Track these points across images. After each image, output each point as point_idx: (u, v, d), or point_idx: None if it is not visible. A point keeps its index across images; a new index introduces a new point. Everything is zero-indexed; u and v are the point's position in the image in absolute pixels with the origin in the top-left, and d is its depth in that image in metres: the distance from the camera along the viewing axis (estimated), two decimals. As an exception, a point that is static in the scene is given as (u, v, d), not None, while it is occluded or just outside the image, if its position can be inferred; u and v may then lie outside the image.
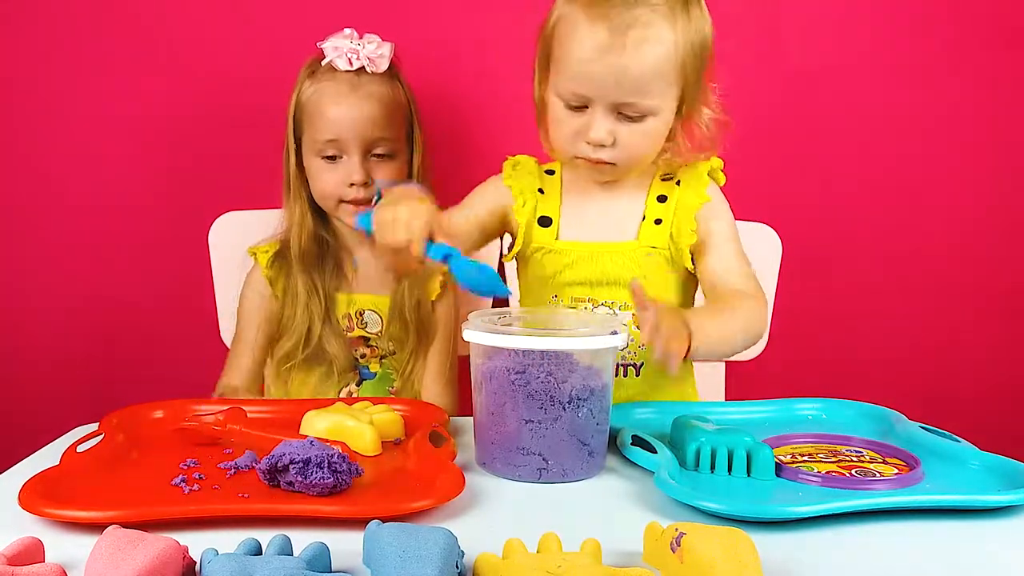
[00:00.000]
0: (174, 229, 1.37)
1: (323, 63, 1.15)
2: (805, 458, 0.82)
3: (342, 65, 1.14)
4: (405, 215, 0.81)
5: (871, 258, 1.50)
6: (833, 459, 0.82)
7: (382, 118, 1.15)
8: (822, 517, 0.67)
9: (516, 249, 1.05)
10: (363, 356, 1.22)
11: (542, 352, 0.78)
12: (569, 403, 0.78)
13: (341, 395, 1.19)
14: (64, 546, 0.61)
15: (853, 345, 1.51)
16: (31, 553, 0.57)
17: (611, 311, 1.00)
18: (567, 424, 0.79)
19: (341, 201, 1.17)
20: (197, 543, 0.59)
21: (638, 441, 0.83)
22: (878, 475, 0.77)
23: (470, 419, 0.87)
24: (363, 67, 1.15)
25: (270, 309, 1.21)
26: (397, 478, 0.76)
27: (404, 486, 0.73)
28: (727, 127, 1.01)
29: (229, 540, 0.59)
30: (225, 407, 0.88)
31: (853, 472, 0.78)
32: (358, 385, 1.23)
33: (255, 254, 1.22)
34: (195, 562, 0.57)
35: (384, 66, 1.16)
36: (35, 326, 1.41)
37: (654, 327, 0.78)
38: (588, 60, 0.91)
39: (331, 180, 1.16)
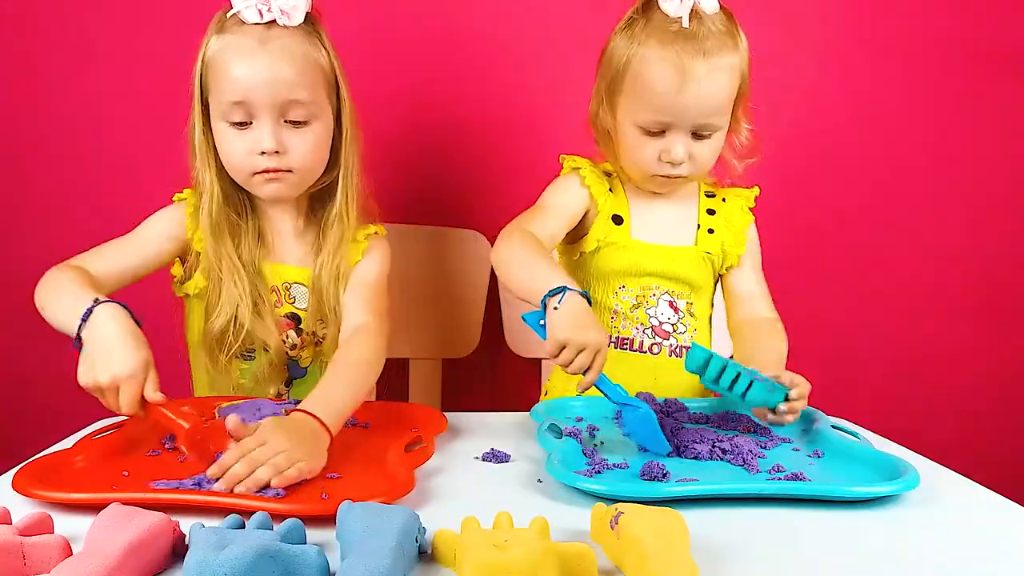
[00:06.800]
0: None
1: (229, 14, 0.99)
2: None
3: (250, 17, 0.98)
4: None
5: (857, 264, 1.51)
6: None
7: (295, 78, 0.99)
8: (755, 499, 0.75)
9: (587, 245, 1.12)
10: (294, 347, 1.08)
11: None
12: None
13: (269, 396, 1.06)
14: (72, 524, 0.66)
15: (840, 351, 1.53)
16: (40, 526, 0.61)
17: (672, 298, 1.12)
18: None
19: (254, 173, 1.02)
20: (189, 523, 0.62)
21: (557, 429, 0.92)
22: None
23: (470, 416, 1.02)
24: (275, 19, 0.99)
25: (179, 243, 1.07)
26: (363, 480, 0.79)
27: (366, 486, 0.76)
28: (760, 137, 1.11)
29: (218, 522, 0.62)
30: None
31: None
32: (287, 385, 1.09)
33: (184, 199, 1.08)
34: (184, 535, 0.62)
35: (299, 18, 1.00)
36: (34, 330, 1.44)
37: (802, 395, 0.91)
38: (673, 93, 1.01)
39: (239, 148, 1.00)
